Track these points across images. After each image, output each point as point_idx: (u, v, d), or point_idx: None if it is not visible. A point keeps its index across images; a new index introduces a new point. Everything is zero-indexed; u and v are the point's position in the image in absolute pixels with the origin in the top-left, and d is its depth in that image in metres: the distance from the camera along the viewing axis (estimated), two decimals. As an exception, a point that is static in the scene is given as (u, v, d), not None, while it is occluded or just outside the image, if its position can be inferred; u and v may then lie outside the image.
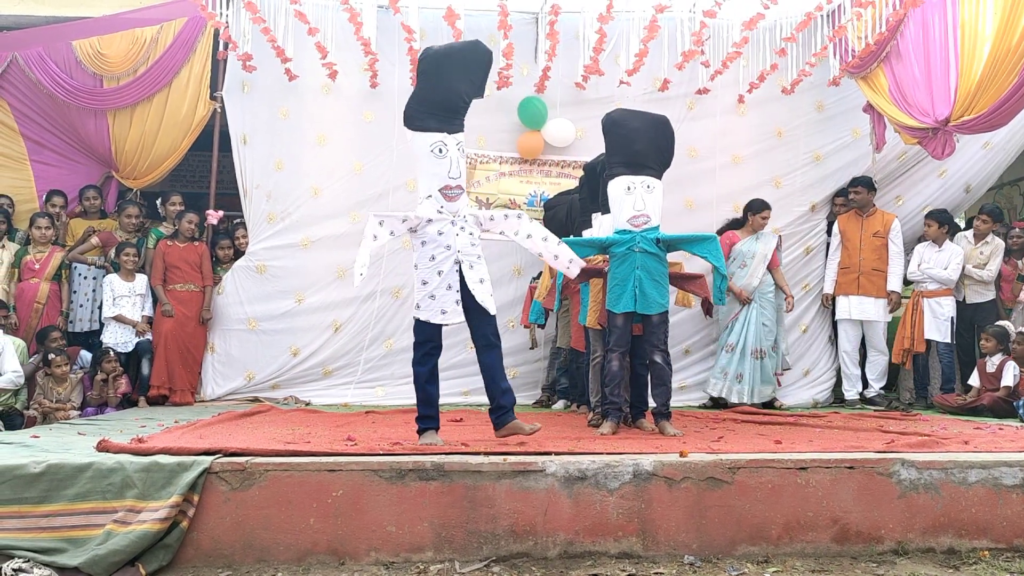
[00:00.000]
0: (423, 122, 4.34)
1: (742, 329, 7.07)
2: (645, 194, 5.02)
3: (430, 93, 4.35)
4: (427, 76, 4.37)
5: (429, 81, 4.36)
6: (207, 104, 7.49)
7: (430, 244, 4.36)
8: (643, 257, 4.98)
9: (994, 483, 3.71)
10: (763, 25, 7.23)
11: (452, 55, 4.42)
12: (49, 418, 6.16)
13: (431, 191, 4.36)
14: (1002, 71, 5.37)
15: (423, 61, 4.39)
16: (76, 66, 7.37)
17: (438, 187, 4.34)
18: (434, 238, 4.35)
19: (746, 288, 7.07)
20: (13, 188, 7.56)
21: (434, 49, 4.45)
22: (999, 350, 6.61)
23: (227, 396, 7.31)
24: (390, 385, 7.50)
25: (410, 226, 4.37)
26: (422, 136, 4.33)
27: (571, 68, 7.47)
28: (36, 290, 7.00)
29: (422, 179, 4.39)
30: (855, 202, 7.44)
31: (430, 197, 4.36)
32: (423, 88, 4.38)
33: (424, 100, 4.35)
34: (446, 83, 4.35)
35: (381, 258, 7.57)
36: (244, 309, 7.42)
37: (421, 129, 4.34)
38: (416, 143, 4.36)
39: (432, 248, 4.35)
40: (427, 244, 4.36)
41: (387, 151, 7.61)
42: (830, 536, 3.62)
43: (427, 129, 4.33)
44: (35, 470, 3.46)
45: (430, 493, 3.53)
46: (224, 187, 8.26)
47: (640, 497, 3.58)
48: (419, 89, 4.40)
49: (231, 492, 3.48)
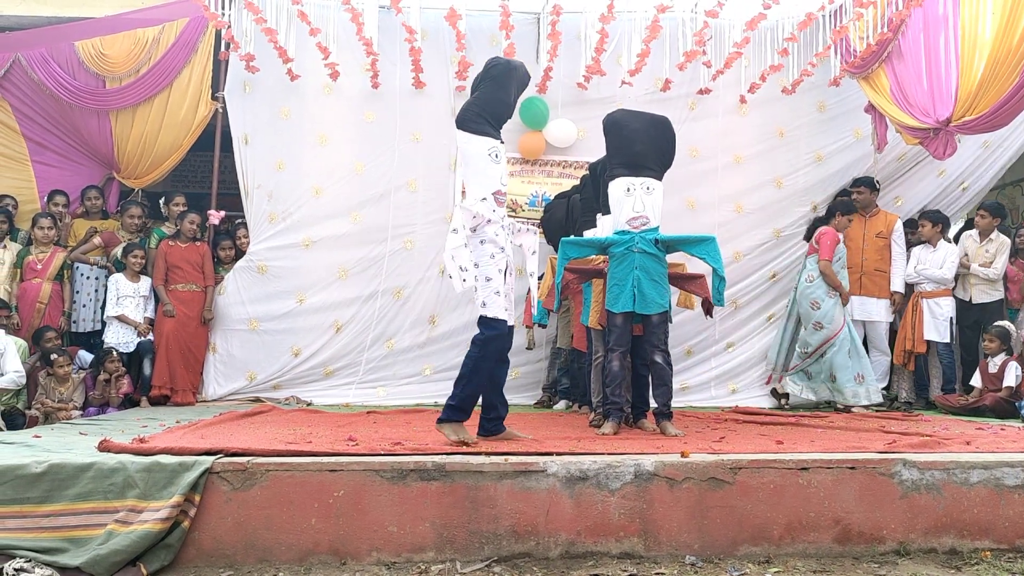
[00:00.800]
0: (481, 126, 4.40)
1: (852, 330, 6.94)
2: (644, 195, 5.02)
3: (492, 101, 4.45)
4: (496, 84, 4.47)
5: (495, 89, 4.46)
6: (209, 104, 7.50)
7: (488, 243, 4.39)
8: (642, 257, 4.98)
9: (996, 484, 3.70)
10: (765, 25, 7.24)
11: (515, 69, 4.52)
12: (51, 418, 6.16)
13: (485, 194, 4.41)
14: (1003, 71, 5.37)
15: (495, 68, 4.48)
16: (78, 67, 7.38)
17: (492, 191, 4.40)
18: (492, 238, 4.40)
19: None
20: (15, 189, 7.57)
21: (503, 59, 4.56)
22: (1002, 350, 6.60)
23: (229, 396, 7.32)
24: (392, 385, 7.50)
25: (476, 223, 4.38)
26: (479, 140, 4.39)
27: (573, 68, 7.48)
28: (39, 290, 7.01)
29: (475, 181, 4.42)
30: (858, 202, 7.43)
31: (485, 200, 4.40)
32: (489, 94, 4.46)
33: (486, 106, 4.44)
34: (506, 94, 4.48)
35: (382, 258, 7.58)
36: (245, 309, 7.42)
37: (479, 133, 4.40)
38: (472, 146, 4.40)
39: (491, 247, 4.39)
40: (486, 243, 4.39)
41: (388, 151, 7.63)
42: (832, 536, 3.61)
43: (485, 134, 4.41)
44: (37, 470, 3.46)
45: (431, 493, 3.52)
46: (225, 187, 8.28)
47: (642, 497, 3.58)
48: (484, 95, 4.46)
49: (233, 492, 3.48)
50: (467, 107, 4.46)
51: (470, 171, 4.46)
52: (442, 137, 7.68)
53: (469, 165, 4.45)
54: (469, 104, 4.46)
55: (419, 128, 7.67)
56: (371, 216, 7.59)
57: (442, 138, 7.68)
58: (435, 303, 7.63)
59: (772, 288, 7.79)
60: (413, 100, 7.65)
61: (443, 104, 7.68)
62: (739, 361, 7.73)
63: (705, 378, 7.58)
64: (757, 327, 7.76)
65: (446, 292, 7.62)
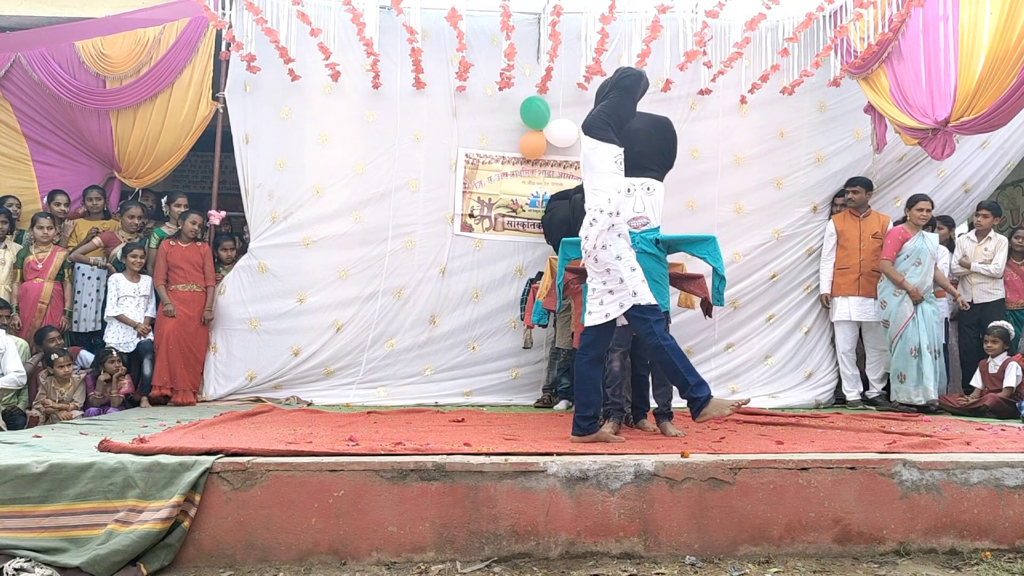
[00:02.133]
0: (608, 134, 4.52)
1: (923, 329, 6.88)
2: (645, 196, 5.04)
3: (621, 109, 4.57)
4: (626, 94, 4.60)
5: (625, 99, 4.58)
6: (209, 104, 7.49)
7: (623, 238, 4.52)
8: (642, 258, 4.98)
9: (996, 484, 3.70)
10: (765, 25, 7.24)
11: (643, 79, 4.70)
12: (52, 418, 6.16)
13: (612, 197, 4.49)
14: (1001, 72, 5.38)
15: (628, 77, 4.60)
16: (79, 66, 7.38)
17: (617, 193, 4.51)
18: (625, 234, 4.54)
19: (921, 286, 6.93)
20: (16, 189, 7.57)
21: (635, 70, 4.69)
22: (1003, 350, 6.60)
23: (229, 396, 7.32)
24: (392, 385, 7.51)
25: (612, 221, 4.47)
26: (607, 147, 4.50)
27: (573, 68, 7.48)
28: (40, 290, 7.01)
29: (604, 184, 4.48)
30: (853, 202, 7.43)
31: (611, 201, 4.48)
32: (621, 103, 4.58)
33: (616, 114, 4.56)
34: (632, 104, 4.64)
35: (383, 258, 7.58)
36: (246, 309, 7.42)
37: (608, 140, 4.51)
38: (600, 152, 4.50)
39: (626, 240, 4.53)
40: (623, 236, 4.52)
41: (389, 151, 7.62)
42: (832, 537, 3.62)
43: (611, 141, 4.52)
44: (37, 470, 3.46)
45: (432, 493, 3.53)
46: (226, 187, 8.28)
47: (642, 497, 3.58)
48: (613, 103, 4.57)
49: (233, 492, 3.49)
50: (597, 114, 4.56)
51: (596, 175, 4.53)
52: (443, 137, 7.69)
53: (595, 170, 4.53)
54: (599, 112, 4.56)
55: (420, 128, 7.67)
56: (372, 216, 7.60)
57: (443, 138, 7.69)
58: (436, 303, 7.63)
59: (772, 289, 7.79)
60: (414, 100, 7.65)
61: (444, 104, 7.69)
62: (739, 362, 7.73)
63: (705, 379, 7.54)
64: (757, 328, 7.76)
65: (446, 292, 7.63)
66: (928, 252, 6.94)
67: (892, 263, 7.03)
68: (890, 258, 7.04)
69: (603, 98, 4.65)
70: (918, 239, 6.99)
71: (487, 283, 7.70)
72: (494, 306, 7.68)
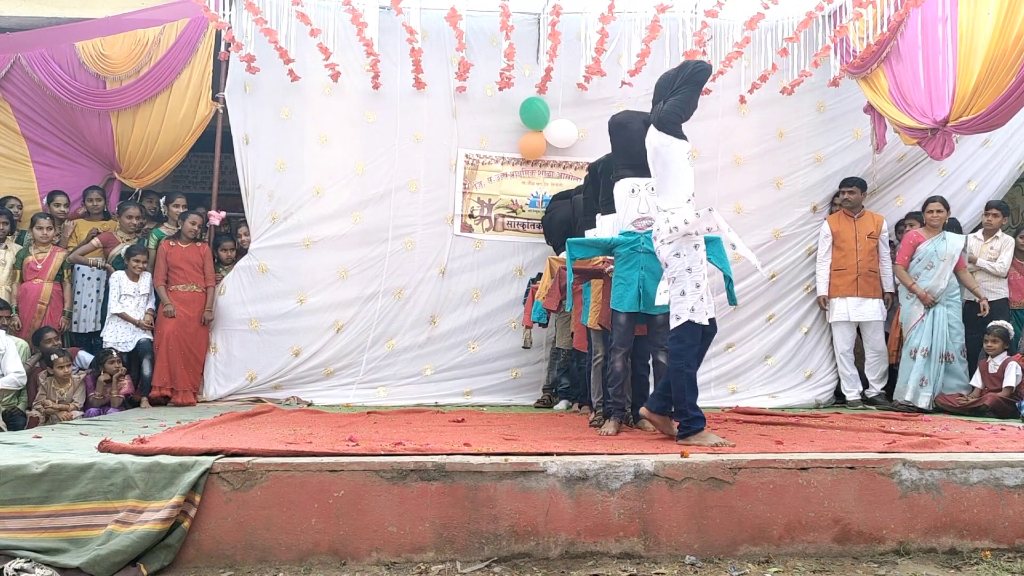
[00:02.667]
0: (680, 130, 4.48)
1: (928, 333, 6.89)
2: (649, 196, 5.04)
3: (690, 104, 4.52)
4: (696, 88, 4.54)
5: (694, 93, 4.53)
6: (209, 104, 7.49)
7: (701, 248, 4.46)
8: (647, 258, 4.99)
9: (996, 483, 3.70)
10: (764, 25, 7.24)
11: (710, 73, 4.64)
12: (52, 418, 6.16)
13: (688, 195, 4.47)
14: (1000, 71, 5.38)
15: (702, 72, 4.52)
16: (79, 67, 7.37)
17: (691, 192, 4.49)
18: (701, 243, 4.46)
19: (932, 290, 6.92)
20: (15, 190, 7.56)
21: (704, 63, 4.59)
22: (1003, 350, 6.60)
23: (229, 396, 7.32)
24: (392, 386, 7.51)
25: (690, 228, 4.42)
26: (680, 143, 4.47)
27: (573, 69, 7.48)
28: (39, 291, 7.01)
29: (675, 183, 4.47)
30: (849, 202, 7.43)
31: (689, 201, 4.47)
32: (689, 98, 4.51)
33: (688, 110, 4.50)
34: (698, 98, 4.58)
35: (383, 258, 7.59)
36: (246, 309, 7.43)
37: (681, 137, 4.48)
38: (674, 149, 4.46)
39: (702, 252, 4.46)
40: (699, 247, 4.45)
41: (389, 151, 7.63)
42: (831, 536, 3.62)
43: (684, 137, 4.49)
44: (37, 470, 3.46)
45: (431, 493, 3.53)
46: (226, 188, 8.28)
47: (641, 497, 3.58)
48: (685, 98, 4.50)
49: (233, 492, 3.49)
50: (669, 110, 4.48)
51: (670, 173, 4.49)
52: (443, 137, 7.69)
53: (669, 168, 4.49)
54: (671, 107, 4.48)
55: (420, 128, 7.68)
56: (372, 216, 7.60)
57: (443, 138, 7.69)
58: (436, 303, 7.64)
59: (772, 289, 7.79)
60: (414, 100, 7.66)
61: (444, 104, 7.69)
62: (739, 362, 7.73)
63: (705, 378, 7.54)
64: (757, 328, 7.75)
65: (446, 292, 7.64)
66: (944, 255, 6.93)
67: (906, 268, 7.09)
68: (903, 263, 7.11)
69: (672, 92, 4.55)
70: (934, 242, 6.99)
71: (487, 283, 7.70)
72: (494, 306, 7.68)
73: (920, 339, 6.91)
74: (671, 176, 4.49)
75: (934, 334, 6.89)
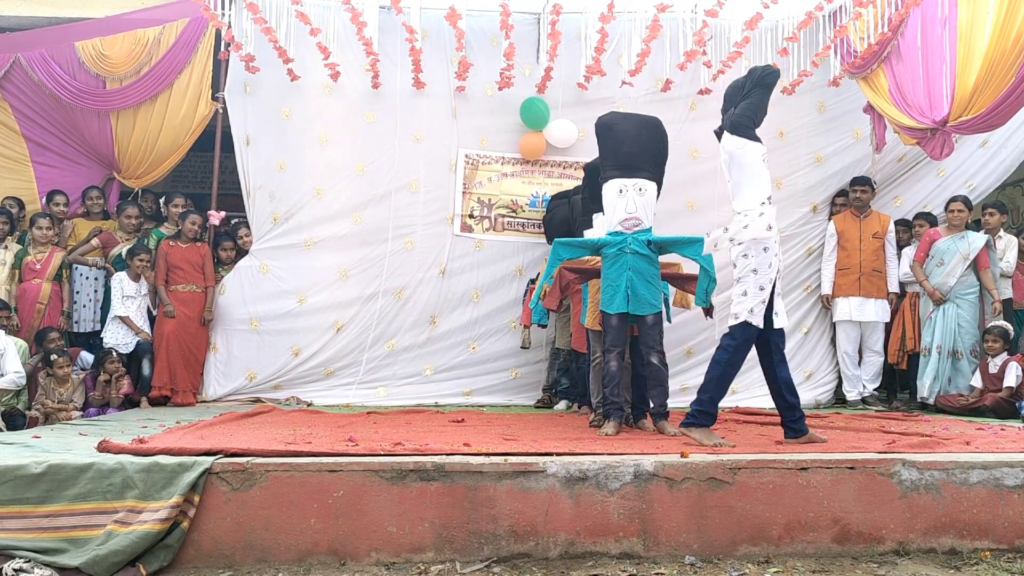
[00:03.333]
0: (753, 132, 4.51)
1: (939, 330, 6.91)
2: (636, 196, 5.05)
3: (762, 107, 4.56)
4: (767, 91, 4.57)
5: (765, 96, 4.56)
6: (209, 104, 7.49)
7: (771, 251, 4.43)
8: (634, 258, 5.00)
9: (995, 483, 3.70)
10: (764, 25, 7.23)
11: (778, 77, 4.66)
12: (51, 418, 6.16)
13: (763, 198, 4.46)
14: (999, 72, 5.38)
15: (769, 76, 4.56)
16: (79, 67, 7.37)
17: (767, 195, 4.49)
18: (773, 247, 4.44)
19: (940, 287, 6.93)
20: (15, 190, 7.57)
21: (772, 68, 4.61)
22: (1004, 350, 6.60)
23: (229, 396, 7.32)
24: (392, 385, 7.51)
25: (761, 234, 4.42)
26: (755, 146, 4.50)
27: (573, 68, 7.47)
28: (38, 291, 7.01)
29: (751, 185, 4.48)
30: (860, 201, 7.43)
31: (764, 204, 4.45)
32: (760, 101, 4.54)
33: (758, 112, 4.53)
34: (768, 101, 4.60)
35: (383, 258, 7.58)
36: (246, 309, 7.42)
37: (755, 139, 4.51)
38: (748, 151, 4.49)
39: (772, 256, 4.43)
40: (769, 250, 4.42)
41: (390, 151, 7.63)
42: (831, 536, 3.62)
43: (758, 139, 4.51)
44: (36, 470, 3.46)
45: (431, 494, 3.53)
46: (226, 188, 8.28)
47: (641, 498, 3.58)
48: (756, 101, 4.54)
49: (232, 492, 3.49)
50: (741, 113, 4.51)
51: (745, 176, 4.51)
52: (443, 137, 7.69)
53: (744, 170, 4.50)
54: (743, 110, 4.51)
55: (420, 128, 7.67)
56: (372, 216, 7.60)
57: (443, 138, 7.69)
58: (436, 303, 7.64)
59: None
60: (414, 100, 7.65)
61: (444, 104, 7.69)
62: (739, 361, 7.71)
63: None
64: (758, 327, 7.74)
65: (446, 292, 7.63)
66: (957, 253, 6.92)
67: (921, 264, 7.13)
68: (919, 260, 7.14)
69: (744, 96, 4.58)
70: (951, 240, 6.99)
71: (487, 283, 7.70)
72: (494, 306, 7.68)
73: (931, 336, 6.95)
74: (746, 179, 4.51)
75: (944, 332, 6.90)
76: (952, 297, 6.93)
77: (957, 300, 6.93)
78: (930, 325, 6.99)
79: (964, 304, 6.93)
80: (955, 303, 6.93)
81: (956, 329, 6.89)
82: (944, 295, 6.93)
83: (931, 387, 6.89)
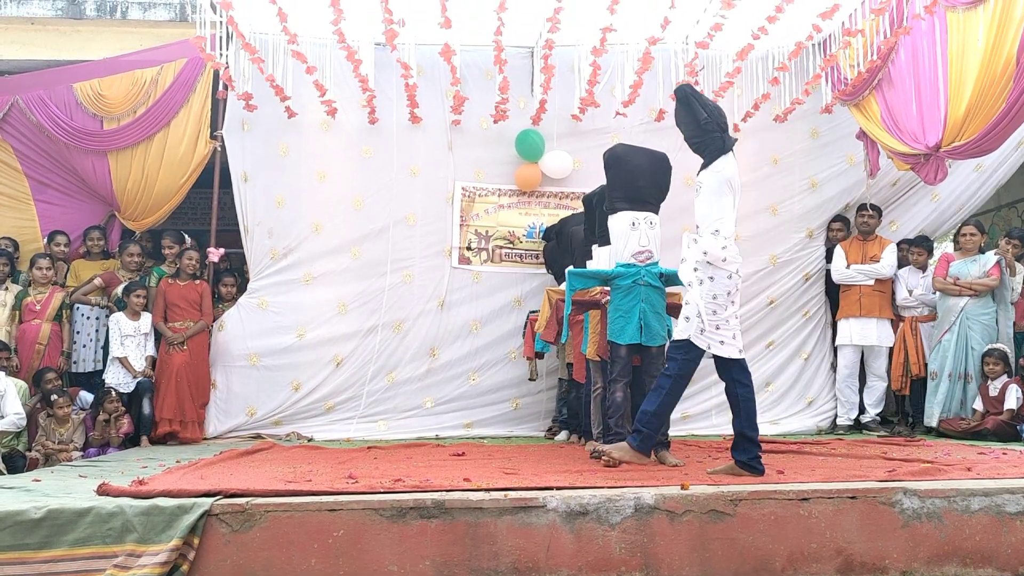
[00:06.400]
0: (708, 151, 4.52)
1: (945, 354, 6.90)
2: (648, 230, 5.09)
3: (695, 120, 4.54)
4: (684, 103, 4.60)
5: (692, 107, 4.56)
6: (207, 143, 7.53)
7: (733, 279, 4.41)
8: (647, 291, 5.04)
9: (997, 511, 3.68)
10: (755, 55, 7.29)
11: None
12: (51, 459, 6.14)
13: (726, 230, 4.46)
14: (990, 97, 5.43)
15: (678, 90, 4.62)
16: (76, 108, 7.41)
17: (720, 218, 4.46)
18: (732, 273, 4.42)
19: (950, 310, 6.95)
20: (17, 228, 7.60)
21: None
22: (1004, 372, 6.59)
23: (229, 433, 7.30)
24: (393, 419, 7.50)
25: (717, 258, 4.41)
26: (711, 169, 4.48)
27: (567, 100, 7.53)
28: (38, 331, 7.00)
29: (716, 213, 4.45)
30: (867, 226, 7.45)
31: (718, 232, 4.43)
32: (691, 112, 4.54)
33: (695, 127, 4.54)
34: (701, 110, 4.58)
35: (382, 292, 7.60)
36: (245, 344, 7.42)
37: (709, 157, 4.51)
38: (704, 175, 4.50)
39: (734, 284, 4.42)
40: (733, 278, 4.42)
41: (387, 185, 7.67)
42: (834, 567, 3.60)
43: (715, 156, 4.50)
44: (35, 515, 3.45)
45: (431, 531, 3.52)
46: (225, 224, 8.30)
47: (642, 531, 3.56)
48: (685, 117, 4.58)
49: (231, 534, 3.47)
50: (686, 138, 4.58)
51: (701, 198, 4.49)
52: (439, 170, 7.74)
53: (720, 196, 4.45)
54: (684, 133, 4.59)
55: (416, 162, 7.72)
56: (370, 250, 7.63)
57: (439, 171, 7.74)
58: (435, 335, 7.64)
59: (770, 315, 7.79)
60: (410, 135, 7.71)
61: (439, 138, 7.75)
62: (739, 389, 7.70)
63: (706, 406, 7.55)
64: (757, 354, 7.71)
65: (446, 324, 7.64)
66: (969, 276, 6.91)
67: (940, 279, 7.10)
68: (939, 275, 7.12)
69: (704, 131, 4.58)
70: (963, 264, 6.99)
71: (486, 315, 7.71)
72: (493, 337, 7.68)
73: (939, 361, 6.92)
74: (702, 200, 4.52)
75: (955, 356, 6.86)
76: (962, 320, 6.91)
77: (970, 322, 6.90)
78: (939, 350, 6.95)
79: (976, 326, 6.88)
80: (967, 326, 6.90)
81: (968, 353, 6.87)
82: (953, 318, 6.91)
83: (940, 413, 6.84)
